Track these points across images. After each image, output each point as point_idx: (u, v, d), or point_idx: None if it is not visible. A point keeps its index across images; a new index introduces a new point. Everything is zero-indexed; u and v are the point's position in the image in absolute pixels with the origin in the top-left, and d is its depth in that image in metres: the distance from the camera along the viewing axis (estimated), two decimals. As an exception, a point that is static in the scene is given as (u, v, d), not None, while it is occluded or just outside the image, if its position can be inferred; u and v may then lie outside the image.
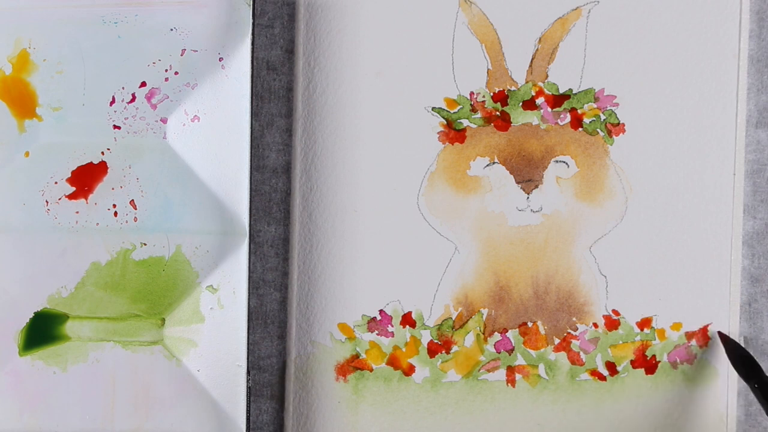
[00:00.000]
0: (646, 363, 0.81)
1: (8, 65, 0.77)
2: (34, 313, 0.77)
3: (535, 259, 0.80)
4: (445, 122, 0.80)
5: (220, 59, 0.77)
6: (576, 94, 0.80)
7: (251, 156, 0.77)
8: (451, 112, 0.80)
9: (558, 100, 0.80)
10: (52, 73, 0.77)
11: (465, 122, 0.80)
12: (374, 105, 0.80)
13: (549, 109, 0.80)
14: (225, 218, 0.77)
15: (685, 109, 0.80)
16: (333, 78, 0.80)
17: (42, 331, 0.77)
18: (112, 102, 0.77)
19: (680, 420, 0.81)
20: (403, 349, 0.81)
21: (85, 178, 0.77)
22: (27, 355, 0.77)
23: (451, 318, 0.80)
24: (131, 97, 0.77)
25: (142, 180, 0.77)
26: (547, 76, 0.80)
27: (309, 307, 0.80)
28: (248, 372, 0.77)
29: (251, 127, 0.77)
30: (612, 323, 0.80)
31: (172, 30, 0.77)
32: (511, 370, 0.81)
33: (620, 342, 0.81)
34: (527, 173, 0.80)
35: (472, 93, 0.80)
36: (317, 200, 0.80)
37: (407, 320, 0.80)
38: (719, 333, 0.78)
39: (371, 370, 0.81)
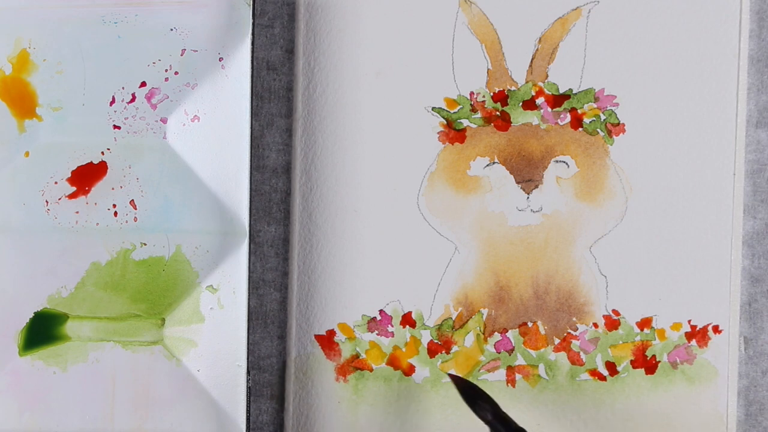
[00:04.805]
0: (646, 363, 0.81)
1: (8, 65, 0.77)
2: (34, 313, 0.77)
3: (535, 259, 0.80)
4: (445, 122, 0.80)
5: (220, 59, 0.77)
6: (576, 94, 0.80)
7: (251, 156, 0.77)
8: (451, 112, 0.80)
9: (558, 100, 0.80)
10: (52, 73, 0.77)
11: (465, 122, 0.80)
12: (374, 105, 0.80)
13: (549, 109, 0.80)
14: (225, 218, 0.77)
15: (685, 109, 0.80)
16: (333, 78, 0.80)
17: (42, 331, 0.77)
18: (112, 102, 0.77)
19: (680, 420, 0.81)
20: (403, 349, 0.81)
21: (85, 178, 0.77)
22: (27, 355, 0.77)
23: (451, 318, 0.80)
24: (131, 97, 0.77)
25: (142, 180, 0.77)
26: (547, 76, 0.80)
27: (309, 307, 0.80)
28: (248, 372, 0.77)
29: (251, 127, 0.77)
30: (612, 323, 0.80)
31: (172, 30, 0.77)
32: (511, 370, 0.81)
33: (620, 342, 0.81)
34: (527, 173, 0.80)
35: (472, 93, 0.80)
36: (317, 200, 0.80)
37: (407, 320, 0.80)
38: (450, 375, 0.78)
39: (371, 370, 0.81)
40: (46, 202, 0.77)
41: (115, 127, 0.77)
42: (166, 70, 0.77)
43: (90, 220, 0.77)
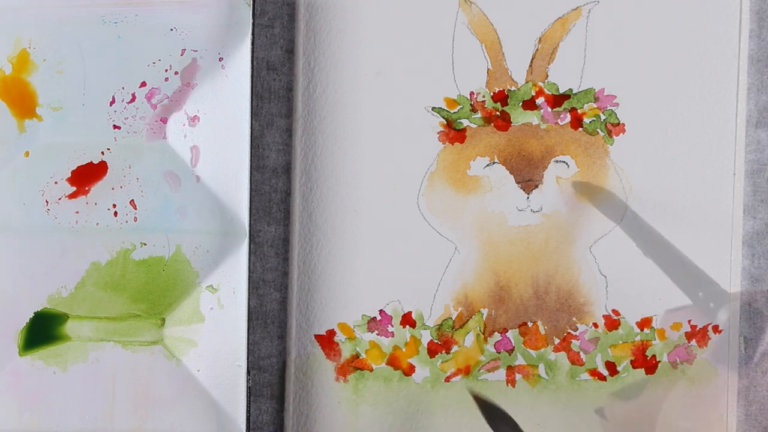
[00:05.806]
0: (646, 363, 0.81)
1: (8, 65, 0.77)
2: (34, 313, 0.77)
3: (535, 259, 0.80)
4: (445, 122, 0.80)
5: (220, 59, 0.77)
6: (576, 94, 0.80)
7: (251, 156, 0.77)
8: (451, 112, 0.80)
9: (558, 100, 0.80)
10: (52, 73, 0.77)
11: (465, 122, 0.80)
12: (374, 105, 0.80)
13: (549, 109, 0.80)
14: (225, 218, 0.77)
15: (685, 109, 0.80)
16: (333, 78, 0.80)
17: (42, 331, 0.77)
18: (112, 102, 0.77)
19: (680, 420, 0.81)
20: (403, 349, 0.81)
21: (85, 178, 0.77)
22: (27, 355, 0.77)
23: (451, 318, 0.80)
24: (131, 97, 0.77)
25: (142, 180, 0.77)
26: (547, 76, 0.80)
27: (309, 307, 0.80)
28: (248, 372, 0.77)
29: (251, 127, 0.77)
30: (612, 323, 0.80)
31: (172, 30, 0.77)
32: (511, 370, 0.81)
33: (620, 342, 0.81)
34: (527, 173, 0.80)
35: (472, 93, 0.80)
36: (317, 200, 0.80)
37: (407, 320, 0.80)
38: (472, 394, 0.80)
39: (371, 370, 0.81)
40: (46, 202, 0.77)
41: (115, 127, 0.77)
42: (166, 70, 0.77)
43: (90, 220, 0.77)
